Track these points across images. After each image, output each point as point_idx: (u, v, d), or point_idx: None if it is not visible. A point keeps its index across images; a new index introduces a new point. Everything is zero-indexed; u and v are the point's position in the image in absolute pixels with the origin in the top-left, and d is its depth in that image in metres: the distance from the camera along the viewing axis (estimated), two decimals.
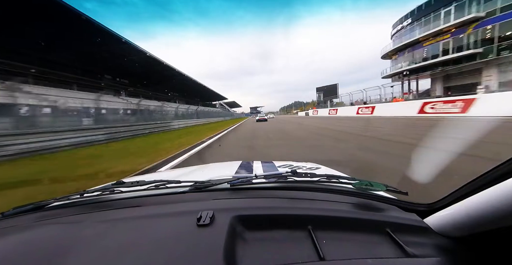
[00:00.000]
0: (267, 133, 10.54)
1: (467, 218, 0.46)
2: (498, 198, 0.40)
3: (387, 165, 3.55)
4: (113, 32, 14.05)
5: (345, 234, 0.55)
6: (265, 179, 0.82)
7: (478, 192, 0.46)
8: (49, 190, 3.17)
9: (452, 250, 0.49)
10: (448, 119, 11.90)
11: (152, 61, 21.12)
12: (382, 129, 9.14)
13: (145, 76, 27.56)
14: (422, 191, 2.13)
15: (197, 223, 0.54)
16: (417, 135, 6.44)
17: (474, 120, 9.55)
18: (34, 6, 10.40)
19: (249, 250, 0.49)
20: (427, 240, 0.52)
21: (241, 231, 0.55)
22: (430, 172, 2.57)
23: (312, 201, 0.68)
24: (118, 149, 7.15)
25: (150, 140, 9.45)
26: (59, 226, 0.61)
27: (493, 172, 0.47)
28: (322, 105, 46.48)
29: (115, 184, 0.84)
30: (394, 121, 12.39)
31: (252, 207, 0.65)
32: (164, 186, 0.83)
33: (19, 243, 0.54)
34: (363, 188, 0.71)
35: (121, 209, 0.70)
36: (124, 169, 4.07)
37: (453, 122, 10.29)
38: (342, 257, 0.47)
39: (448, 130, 7.19)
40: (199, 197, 0.77)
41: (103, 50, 16.03)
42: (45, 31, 12.75)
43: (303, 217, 0.59)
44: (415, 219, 0.60)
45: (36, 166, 4.90)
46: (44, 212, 0.74)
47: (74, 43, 14.52)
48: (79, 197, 0.80)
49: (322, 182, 0.79)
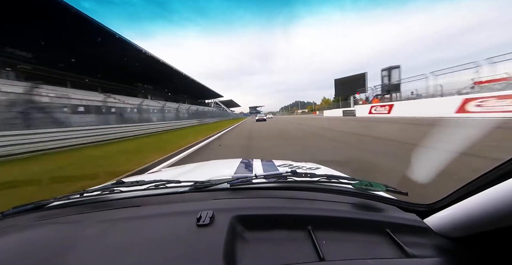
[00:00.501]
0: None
1: (467, 218, 0.46)
2: (498, 199, 0.40)
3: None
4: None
5: (345, 234, 0.55)
6: (265, 179, 0.82)
7: (478, 192, 0.46)
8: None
9: (452, 250, 0.49)
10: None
11: (126, 47, 16.53)
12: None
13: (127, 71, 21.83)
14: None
15: (197, 223, 0.54)
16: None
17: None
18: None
19: (249, 250, 0.49)
20: (427, 240, 0.52)
21: (241, 231, 0.55)
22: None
23: (312, 201, 0.68)
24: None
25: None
26: (59, 225, 0.61)
27: (493, 172, 0.47)
28: (339, 104, 35.94)
29: (115, 183, 0.84)
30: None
31: (252, 207, 0.65)
32: (164, 185, 0.83)
33: (19, 243, 0.54)
34: (363, 188, 0.71)
35: (121, 208, 0.70)
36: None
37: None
38: (342, 257, 0.47)
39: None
40: (199, 197, 0.77)
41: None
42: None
43: (303, 217, 0.59)
44: (415, 219, 0.59)
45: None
46: (44, 212, 0.74)
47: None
48: (79, 196, 0.81)
49: (322, 182, 0.79)
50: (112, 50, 17.36)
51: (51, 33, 14.07)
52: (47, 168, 4.85)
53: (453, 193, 0.56)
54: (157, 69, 24.22)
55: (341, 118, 21.42)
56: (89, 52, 17.19)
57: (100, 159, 5.76)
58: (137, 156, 5.74)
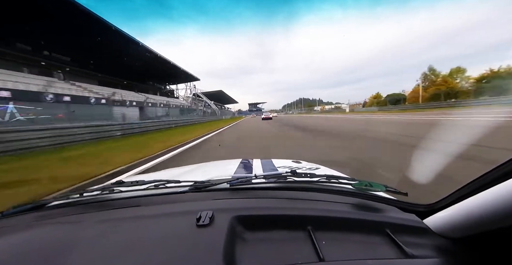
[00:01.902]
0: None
1: (466, 218, 0.46)
2: (498, 199, 0.40)
3: None
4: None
5: (345, 235, 0.55)
6: (265, 179, 0.81)
7: (478, 192, 0.46)
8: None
9: (452, 251, 0.49)
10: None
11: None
12: None
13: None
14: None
15: (197, 223, 0.54)
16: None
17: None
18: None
19: (248, 251, 0.49)
20: (426, 240, 0.52)
21: (240, 231, 0.54)
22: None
23: (311, 202, 0.68)
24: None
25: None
26: (59, 225, 0.61)
27: (492, 173, 0.47)
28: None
29: (114, 183, 0.84)
30: None
31: (251, 207, 0.65)
32: (164, 185, 0.83)
33: (18, 243, 0.54)
34: (362, 189, 0.70)
35: (120, 208, 0.70)
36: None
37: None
38: (342, 257, 0.47)
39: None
40: (199, 197, 0.77)
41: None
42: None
43: (302, 218, 0.59)
44: (414, 219, 0.59)
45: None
46: (43, 212, 0.73)
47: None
48: (79, 196, 0.80)
49: (322, 182, 0.79)
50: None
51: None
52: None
53: (453, 194, 0.56)
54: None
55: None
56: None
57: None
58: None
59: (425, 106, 28.61)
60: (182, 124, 19.96)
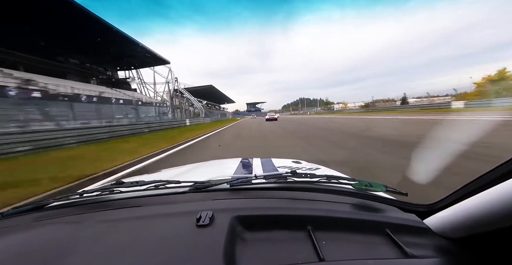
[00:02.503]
0: None
1: (467, 218, 0.46)
2: (498, 199, 0.40)
3: None
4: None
5: (345, 235, 0.55)
6: (265, 179, 0.81)
7: (478, 192, 0.46)
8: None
9: (452, 251, 0.49)
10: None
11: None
12: None
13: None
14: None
15: (197, 224, 0.54)
16: None
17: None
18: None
19: (248, 251, 0.49)
20: (426, 241, 0.52)
21: (240, 231, 0.54)
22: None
23: (312, 202, 0.68)
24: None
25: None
26: (59, 226, 0.61)
27: (492, 172, 0.47)
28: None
29: (114, 184, 0.84)
30: None
31: (251, 207, 0.64)
32: (164, 186, 0.82)
33: (18, 243, 0.54)
34: (362, 189, 0.70)
35: (120, 209, 0.69)
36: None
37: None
38: (342, 257, 0.47)
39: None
40: (199, 197, 0.77)
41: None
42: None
43: (302, 218, 0.59)
44: (414, 219, 0.59)
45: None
46: (43, 212, 0.73)
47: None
48: (79, 197, 0.80)
49: (322, 183, 0.79)
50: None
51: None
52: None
53: (453, 194, 0.55)
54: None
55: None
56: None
57: None
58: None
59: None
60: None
